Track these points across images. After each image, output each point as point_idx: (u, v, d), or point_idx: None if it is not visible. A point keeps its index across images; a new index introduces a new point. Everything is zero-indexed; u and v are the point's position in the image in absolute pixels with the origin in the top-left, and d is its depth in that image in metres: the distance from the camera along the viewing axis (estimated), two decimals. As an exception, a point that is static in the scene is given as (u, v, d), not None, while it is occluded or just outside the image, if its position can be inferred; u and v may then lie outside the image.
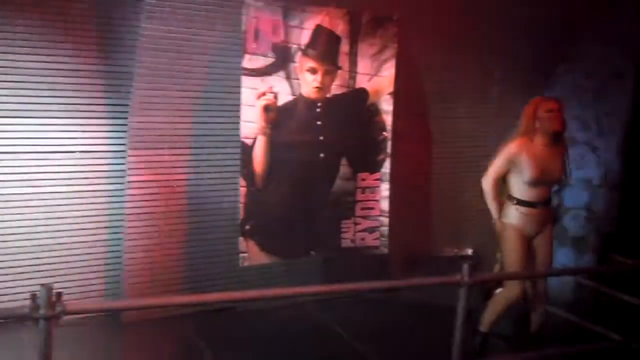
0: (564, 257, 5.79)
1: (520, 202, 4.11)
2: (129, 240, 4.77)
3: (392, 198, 5.57)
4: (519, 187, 4.10)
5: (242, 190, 4.91)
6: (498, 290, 5.55)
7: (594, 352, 4.34)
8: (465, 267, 3.27)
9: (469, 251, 6.12)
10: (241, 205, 4.91)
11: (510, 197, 4.16)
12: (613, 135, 5.64)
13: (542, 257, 4.24)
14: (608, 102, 5.68)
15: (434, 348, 3.94)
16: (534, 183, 4.04)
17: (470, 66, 5.80)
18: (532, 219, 4.13)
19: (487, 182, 4.18)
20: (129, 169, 4.71)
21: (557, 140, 4.10)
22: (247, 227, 4.97)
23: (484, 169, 5.99)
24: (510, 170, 4.12)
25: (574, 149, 5.86)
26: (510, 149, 4.10)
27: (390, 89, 5.40)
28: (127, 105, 4.64)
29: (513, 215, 4.14)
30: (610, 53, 5.70)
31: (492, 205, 4.18)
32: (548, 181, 4.11)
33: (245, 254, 4.98)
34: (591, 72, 5.84)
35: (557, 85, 6.15)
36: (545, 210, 4.17)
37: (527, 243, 4.19)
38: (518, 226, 4.14)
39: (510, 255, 4.18)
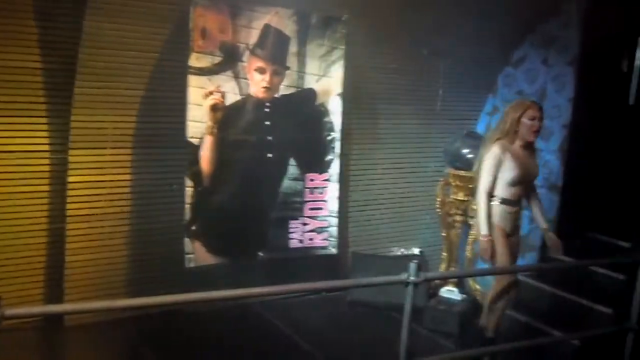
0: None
1: (505, 201, 4.12)
2: (70, 242, 4.64)
3: (341, 198, 5.61)
4: (502, 186, 4.11)
5: (188, 191, 4.84)
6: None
7: (534, 348, 4.45)
8: (412, 266, 3.29)
9: (416, 250, 6.19)
10: (187, 206, 4.85)
11: (494, 197, 4.16)
12: (554, 137, 5.79)
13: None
14: (549, 105, 5.83)
15: (382, 346, 3.96)
16: (517, 183, 4.09)
17: (417, 68, 5.88)
18: (513, 216, 4.17)
19: (482, 198, 4.11)
20: (70, 169, 4.58)
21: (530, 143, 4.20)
22: (193, 227, 4.91)
23: (427, 169, 6.16)
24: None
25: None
26: (494, 152, 4.10)
27: (339, 89, 5.42)
28: (68, 103, 4.50)
29: (497, 214, 4.14)
30: (550, 56, 5.85)
31: (483, 221, 4.09)
32: (528, 180, 4.17)
33: (191, 255, 4.92)
34: (533, 75, 5.99)
35: (501, 89, 6.29)
36: (520, 208, 4.24)
37: (509, 241, 4.20)
38: (502, 225, 4.14)
39: (500, 255, 4.12)
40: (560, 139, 5.74)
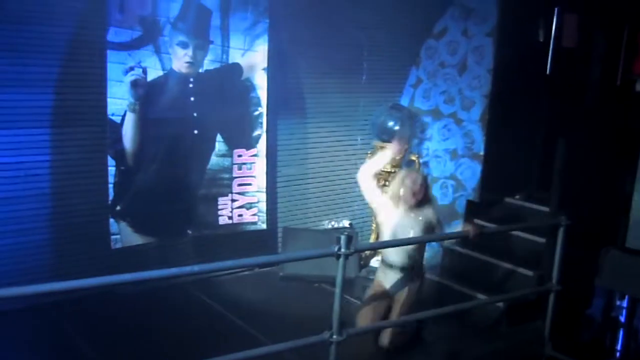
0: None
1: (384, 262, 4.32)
2: (-12, 226, 4.44)
3: (269, 174, 5.58)
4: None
5: (111, 170, 4.71)
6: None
7: (461, 312, 4.59)
8: (343, 238, 3.32)
9: (346, 223, 6.25)
10: (111, 186, 4.71)
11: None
12: (475, 107, 5.93)
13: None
14: (470, 76, 5.96)
15: (316, 318, 3.99)
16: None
17: (341, 41, 5.87)
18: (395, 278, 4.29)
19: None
20: (-16, 150, 4.36)
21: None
22: (118, 208, 4.78)
23: (355, 143, 6.21)
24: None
25: (440, 122, 6.16)
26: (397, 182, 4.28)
27: (264, 64, 5.36)
28: (-21, 81, 4.27)
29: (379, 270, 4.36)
30: (470, 28, 5.97)
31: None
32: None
33: (117, 236, 4.81)
34: (454, 47, 6.10)
35: (424, 61, 6.37)
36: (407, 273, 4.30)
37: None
38: (380, 281, 4.32)
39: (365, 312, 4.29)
40: (482, 109, 5.89)
